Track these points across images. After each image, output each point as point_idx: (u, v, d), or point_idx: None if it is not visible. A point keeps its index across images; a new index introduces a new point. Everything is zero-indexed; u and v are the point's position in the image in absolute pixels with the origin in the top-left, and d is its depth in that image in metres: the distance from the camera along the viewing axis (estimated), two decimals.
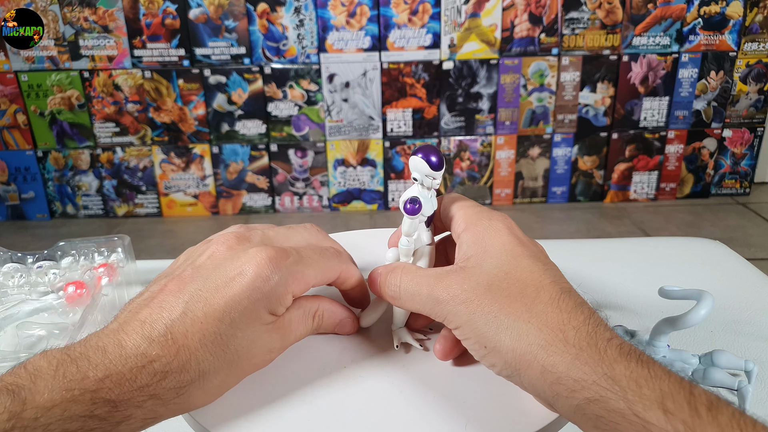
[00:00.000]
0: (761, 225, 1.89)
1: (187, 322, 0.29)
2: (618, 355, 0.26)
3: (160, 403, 0.28)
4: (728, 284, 0.53)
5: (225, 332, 0.29)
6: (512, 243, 0.32)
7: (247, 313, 0.30)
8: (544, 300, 0.29)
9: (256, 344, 0.31)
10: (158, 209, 2.05)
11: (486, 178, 2.05)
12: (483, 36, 1.89)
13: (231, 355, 0.30)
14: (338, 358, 0.36)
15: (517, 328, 0.28)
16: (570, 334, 0.27)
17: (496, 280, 0.30)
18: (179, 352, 0.28)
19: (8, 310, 0.48)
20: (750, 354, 0.44)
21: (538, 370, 0.27)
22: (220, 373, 0.30)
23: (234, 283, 0.30)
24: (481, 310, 0.29)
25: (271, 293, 0.31)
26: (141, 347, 0.28)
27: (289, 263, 0.32)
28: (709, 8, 1.88)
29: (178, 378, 0.28)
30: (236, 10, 1.85)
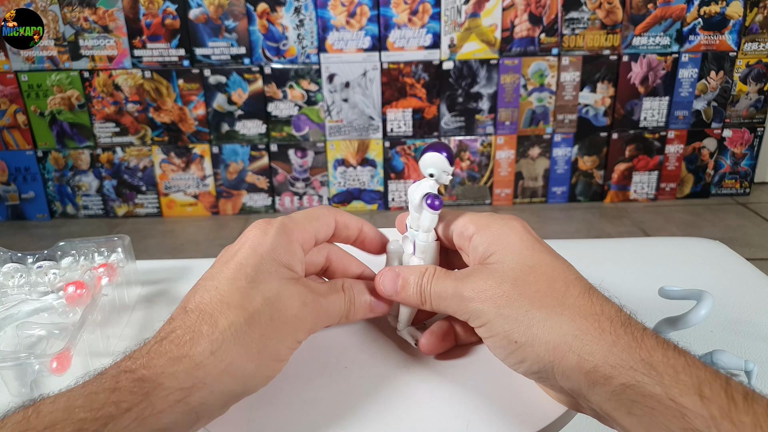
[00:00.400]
0: (761, 225, 1.89)
1: (202, 295, 0.30)
2: (655, 343, 0.26)
3: (193, 364, 0.27)
4: (728, 284, 0.53)
5: (242, 286, 0.29)
6: (531, 240, 0.32)
7: (259, 268, 0.30)
8: (575, 294, 0.29)
9: (284, 294, 0.30)
10: (158, 209, 2.05)
11: (486, 178, 2.05)
12: (483, 36, 1.89)
13: (258, 304, 0.29)
14: (339, 359, 0.36)
15: (550, 320, 0.28)
16: (605, 323, 0.27)
17: (522, 275, 0.30)
18: (200, 316, 0.28)
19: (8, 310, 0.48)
20: (750, 354, 0.44)
21: (574, 360, 0.27)
22: (255, 325, 0.29)
23: (238, 252, 0.31)
24: (510, 305, 0.29)
25: (275, 245, 0.31)
26: (162, 329, 0.29)
27: (281, 219, 0.33)
28: (709, 8, 1.88)
29: (208, 336, 0.28)
30: (236, 10, 1.85)
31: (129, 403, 0.25)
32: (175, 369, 0.27)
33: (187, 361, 0.27)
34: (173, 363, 0.27)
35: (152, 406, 0.25)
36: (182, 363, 0.27)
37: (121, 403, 0.25)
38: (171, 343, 0.28)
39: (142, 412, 0.25)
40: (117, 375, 0.26)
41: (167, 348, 0.28)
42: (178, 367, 0.27)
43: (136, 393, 0.25)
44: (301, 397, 0.33)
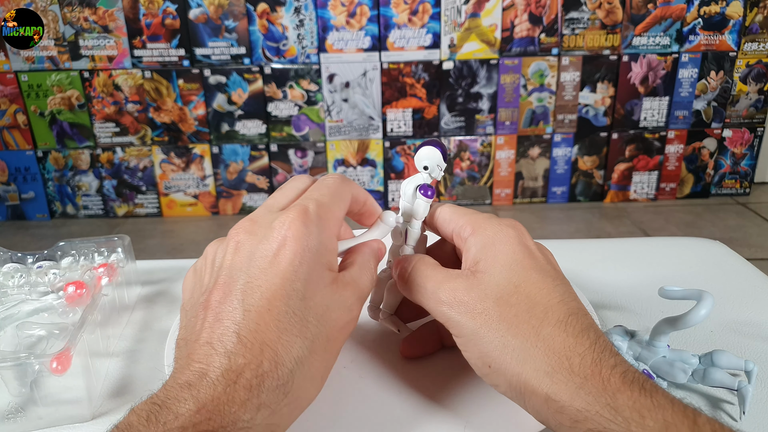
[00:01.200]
0: (761, 225, 1.89)
1: (254, 319, 0.26)
2: (621, 383, 0.26)
3: (270, 412, 0.25)
4: (728, 284, 0.53)
5: (297, 307, 0.27)
6: (522, 253, 0.31)
7: (308, 279, 0.28)
8: (552, 322, 0.28)
9: (333, 306, 0.29)
10: (158, 209, 2.05)
11: (486, 178, 2.05)
12: (483, 36, 1.89)
13: (315, 328, 0.27)
14: (339, 359, 0.36)
15: (523, 350, 0.28)
16: (575, 361, 0.27)
17: (505, 293, 0.29)
18: (263, 350, 0.26)
19: (8, 310, 0.48)
20: (750, 354, 0.44)
21: (542, 397, 0.27)
22: (316, 351, 0.27)
23: (280, 256, 0.28)
24: (488, 325, 0.29)
25: (319, 247, 0.29)
26: (223, 365, 0.25)
27: (314, 210, 0.29)
28: (709, 8, 1.88)
29: (276, 376, 0.26)
30: (236, 10, 1.85)
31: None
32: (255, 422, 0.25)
33: (264, 411, 0.25)
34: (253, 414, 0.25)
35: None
36: (260, 413, 0.25)
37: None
38: (243, 389, 0.25)
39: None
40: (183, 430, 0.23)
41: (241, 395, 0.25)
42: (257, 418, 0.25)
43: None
44: None
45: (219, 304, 0.27)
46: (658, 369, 0.39)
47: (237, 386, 0.24)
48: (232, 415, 0.24)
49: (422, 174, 0.35)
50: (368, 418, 0.31)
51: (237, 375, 0.25)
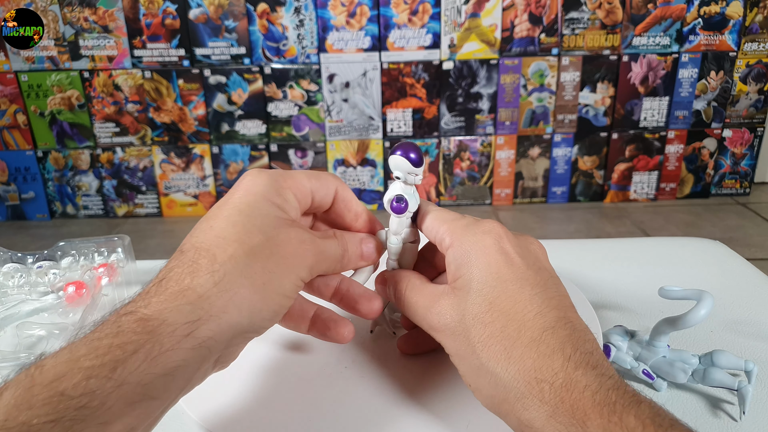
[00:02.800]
0: (761, 225, 1.89)
1: (197, 236, 0.29)
2: (591, 408, 0.25)
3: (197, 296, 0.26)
4: (728, 284, 0.53)
5: (239, 222, 0.29)
6: (499, 263, 0.30)
7: (253, 206, 0.30)
8: (525, 341, 0.28)
9: (282, 231, 0.30)
10: (158, 209, 2.05)
11: (486, 178, 2.05)
12: (483, 36, 1.89)
13: (257, 239, 0.28)
14: (339, 359, 0.36)
15: (495, 374, 0.28)
16: (545, 387, 0.26)
17: (480, 312, 0.29)
18: (199, 253, 0.28)
19: (8, 310, 0.48)
20: (750, 354, 0.44)
21: (515, 421, 0.27)
22: (256, 257, 0.28)
23: (232, 195, 0.31)
24: (465, 347, 0.29)
25: (267, 186, 0.31)
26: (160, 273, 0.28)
27: (275, 171, 0.32)
28: (709, 8, 1.88)
29: (209, 269, 0.27)
30: (236, 10, 1.85)
31: (135, 345, 0.24)
32: (178, 303, 0.26)
33: (190, 293, 0.26)
34: (175, 297, 0.26)
35: (160, 344, 0.24)
36: (185, 296, 0.26)
37: (127, 346, 0.24)
38: (170, 281, 0.27)
39: (149, 352, 0.24)
40: (117, 319, 0.25)
41: (166, 285, 0.27)
42: (181, 300, 0.26)
43: (140, 333, 0.24)
44: (301, 396, 0.33)
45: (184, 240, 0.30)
46: (658, 369, 0.39)
47: (164, 281, 0.27)
48: (158, 303, 0.26)
49: (397, 183, 0.34)
50: (370, 419, 0.31)
51: (167, 272, 0.27)
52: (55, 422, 0.21)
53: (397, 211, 0.33)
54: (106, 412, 0.23)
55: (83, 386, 0.22)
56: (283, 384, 0.34)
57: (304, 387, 0.33)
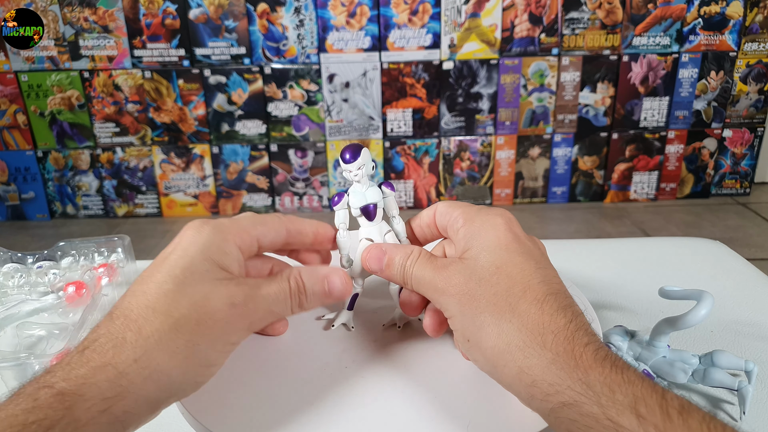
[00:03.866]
0: (761, 225, 1.89)
1: (129, 300, 0.29)
2: (593, 360, 0.26)
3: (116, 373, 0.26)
4: (728, 284, 0.53)
5: (170, 291, 0.28)
6: (507, 238, 0.32)
7: (189, 269, 0.29)
8: (529, 300, 0.29)
9: (212, 296, 0.29)
10: (158, 209, 2.05)
11: (486, 178, 2.05)
12: (483, 36, 1.89)
13: (185, 309, 0.28)
14: (339, 359, 0.36)
15: (498, 326, 0.29)
16: (548, 338, 0.27)
17: (487, 274, 0.30)
18: (127, 323, 0.28)
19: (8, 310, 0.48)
20: (750, 354, 0.44)
21: (515, 370, 0.28)
22: (180, 331, 0.28)
23: (170, 255, 0.30)
24: (469, 303, 0.30)
25: (207, 244, 0.30)
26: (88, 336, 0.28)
27: (220, 220, 0.32)
28: (709, 8, 1.88)
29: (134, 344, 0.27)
30: (236, 10, 1.85)
31: (51, 421, 0.24)
32: (97, 378, 0.26)
33: (109, 370, 0.26)
34: (95, 372, 0.26)
35: (75, 421, 0.25)
36: (104, 372, 0.26)
37: (43, 421, 0.24)
38: (93, 352, 0.27)
39: (65, 428, 0.24)
40: (35, 392, 0.25)
41: (89, 357, 0.27)
42: (100, 376, 0.26)
43: (56, 408, 0.24)
44: (302, 396, 0.33)
45: (117, 302, 0.30)
46: (658, 369, 0.39)
47: (87, 351, 0.27)
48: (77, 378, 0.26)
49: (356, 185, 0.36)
50: (370, 418, 0.31)
51: (92, 341, 0.27)
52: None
53: (332, 203, 0.36)
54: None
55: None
56: (283, 384, 0.34)
57: (304, 387, 0.33)
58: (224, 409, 0.32)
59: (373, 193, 0.36)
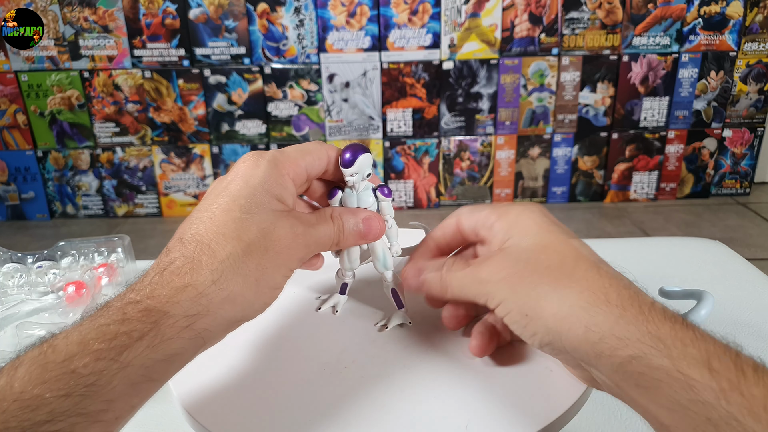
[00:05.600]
0: (761, 225, 1.89)
1: (198, 226, 0.30)
2: (663, 317, 0.26)
3: (196, 293, 0.28)
4: (728, 284, 0.53)
5: (238, 218, 0.30)
6: (547, 222, 0.32)
7: (252, 199, 0.31)
8: (584, 267, 0.29)
9: (277, 225, 0.31)
10: (158, 209, 2.05)
11: (486, 178, 2.05)
12: (483, 36, 1.89)
13: (253, 235, 0.30)
14: (339, 359, 0.36)
15: (558, 292, 0.29)
16: (612, 296, 0.28)
17: (534, 254, 0.31)
18: (200, 247, 0.29)
19: (8, 310, 0.48)
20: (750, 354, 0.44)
21: (581, 330, 0.28)
22: (251, 254, 0.30)
23: (230, 184, 0.32)
24: (522, 281, 0.30)
25: (266, 178, 0.32)
26: (162, 259, 0.30)
27: (273, 152, 0.33)
28: (709, 8, 1.88)
29: (208, 265, 0.29)
30: (236, 10, 1.85)
31: (140, 333, 0.26)
32: (180, 298, 0.28)
33: (190, 290, 0.28)
34: (177, 292, 0.28)
35: (162, 334, 0.27)
36: (186, 292, 0.28)
37: (133, 333, 0.26)
38: (172, 273, 0.29)
39: (152, 339, 0.26)
40: (123, 307, 0.27)
41: (169, 278, 0.28)
42: (182, 296, 0.28)
43: (144, 322, 0.27)
44: (301, 396, 0.33)
45: (183, 227, 0.31)
46: None
47: (166, 272, 0.29)
48: (161, 296, 0.28)
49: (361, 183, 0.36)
50: (370, 418, 0.31)
51: (169, 263, 0.29)
52: (66, 397, 0.24)
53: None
54: (111, 390, 0.25)
55: (92, 366, 0.25)
56: (283, 384, 0.34)
57: (304, 387, 0.33)
58: (224, 410, 0.32)
59: (365, 198, 0.36)
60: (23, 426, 0.23)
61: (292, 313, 0.41)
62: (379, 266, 0.38)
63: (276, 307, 0.41)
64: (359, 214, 0.35)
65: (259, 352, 0.37)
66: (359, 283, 0.42)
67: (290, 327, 0.39)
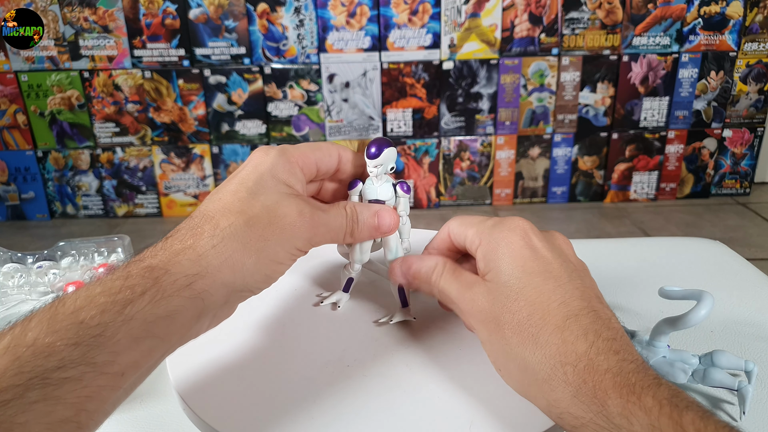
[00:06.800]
0: (761, 225, 1.89)
1: (206, 205, 0.32)
2: (612, 388, 0.27)
3: (196, 255, 0.30)
4: (728, 284, 0.53)
5: (243, 197, 0.32)
6: (524, 258, 0.32)
7: (259, 182, 0.33)
8: (550, 329, 0.29)
9: (282, 203, 0.32)
10: (158, 209, 2.05)
11: (486, 178, 2.05)
12: (483, 36, 1.89)
13: (258, 210, 0.31)
14: (341, 357, 0.36)
15: (523, 359, 0.29)
16: (569, 370, 0.28)
17: (509, 301, 0.31)
18: (205, 219, 0.31)
19: (8, 310, 0.48)
20: (750, 354, 0.44)
21: (544, 402, 0.29)
22: (254, 227, 0.31)
23: (241, 171, 0.34)
24: (495, 332, 0.31)
25: (275, 164, 0.33)
26: (169, 234, 0.32)
27: (280, 147, 0.35)
28: (709, 8, 1.88)
29: (211, 234, 0.30)
30: (236, 10, 1.85)
31: (143, 288, 0.28)
32: (180, 258, 0.29)
33: (190, 252, 0.30)
34: (178, 253, 0.30)
35: (163, 290, 0.28)
36: (186, 253, 0.30)
37: (136, 287, 0.27)
38: (175, 239, 0.31)
39: (154, 295, 0.28)
40: (127, 266, 0.29)
41: (171, 243, 0.30)
42: (182, 257, 0.30)
43: (147, 278, 0.28)
44: (303, 395, 0.33)
45: (197, 208, 0.33)
46: (658, 369, 0.39)
47: (169, 239, 0.31)
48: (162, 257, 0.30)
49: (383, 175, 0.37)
50: (372, 417, 0.31)
51: (174, 233, 0.31)
52: (75, 345, 0.25)
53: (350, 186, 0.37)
54: (116, 343, 0.26)
55: (98, 318, 0.26)
56: (285, 382, 0.34)
57: (306, 385, 0.33)
58: (227, 407, 0.32)
59: (385, 191, 0.37)
60: (36, 371, 0.24)
61: (296, 309, 0.41)
62: (391, 258, 0.38)
63: (279, 303, 0.41)
64: (373, 207, 0.36)
65: (261, 348, 0.37)
66: (362, 282, 0.42)
67: (293, 324, 0.39)
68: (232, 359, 0.36)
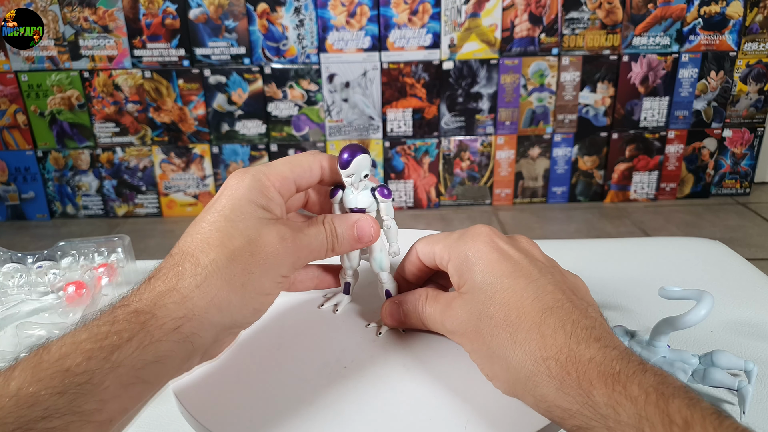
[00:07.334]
0: (761, 225, 1.89)
1: (185, 240, 0.32)
2: (596, 378, 0.26)
3: (181, 297, 0.29)
4: (728, 284, 0.53)
5: (222, 227, 0.31)
6: (493, 262, 0.32)
7: (236, 209, 0.32)
8: (527, 326, 0.29)
9: (263, 231, 0.32)
10: (158, 209, 2.05)
11: (486, 178, 2.05)
12: (483, 36, 1.89)
13: (239, 243, 0.31)
14: (339, 358, 0.36)
15: (505, 359, 0.30)
16: (551, 363, 0.28)
17: (484, 308, 0.31)
18: (185, 257, 0.30)
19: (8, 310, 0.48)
20: (750, 354, 0.44)
21: (531, 399, 0.29)
22: (236, 260, 0.30)
23: (218, 200, 0.33)
24: (476, 341, 0.31)
25: (251, 188, 0.32)
26: (151, 273, 0.31)
27: (258, 166, 0.34)
28: (709, 8, 1.88)
29: (193, 273, 0.30)
30: (236, 10, 1.85)
31: (129, 333, 0.27)
32: (165, 301, 0.29)
33: (174, 294, 0.29)
34: (162, 296, 0.29)
35: (150, 335, 0.27)
36: (171, 295, 0.29)
37: (123, 333, 0.27)
38: (158, 280, 0.30)
39: (141, 340, 0.27)
40: (113, 311, 0.28)
41: (155, 284, 0.29)
42: (167, 299, 0.29)
43: (133, 323, 0.27)
44: (301, 396, 0.33)
45: (177, 242, 0.33)
46: None
47: (152, 280, 0.30)
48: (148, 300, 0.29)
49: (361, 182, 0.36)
50: (369, 418, 0.31)
51: (155, 273, 0.30)
52: (61, 394, 0.24)
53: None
54: (104, 390, 0.25)
55: (84, 365, 0.25)
56: (283, 383, 0.34)
57: (303, 386, 0.33)
58: (224, 409, 0.32)
59: (364, 198, 0.36)
60: (20, 422, 0.23)
61: (293, 311, 0.41)
62: (375, 266, 0.38)
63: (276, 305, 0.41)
64: (351, 218, 0.36)
65: (258, 350, 0.37)
66: (362, 284, 0.42)
67: (290, 325, 0.39)
68: (229, 362, 0.36)
